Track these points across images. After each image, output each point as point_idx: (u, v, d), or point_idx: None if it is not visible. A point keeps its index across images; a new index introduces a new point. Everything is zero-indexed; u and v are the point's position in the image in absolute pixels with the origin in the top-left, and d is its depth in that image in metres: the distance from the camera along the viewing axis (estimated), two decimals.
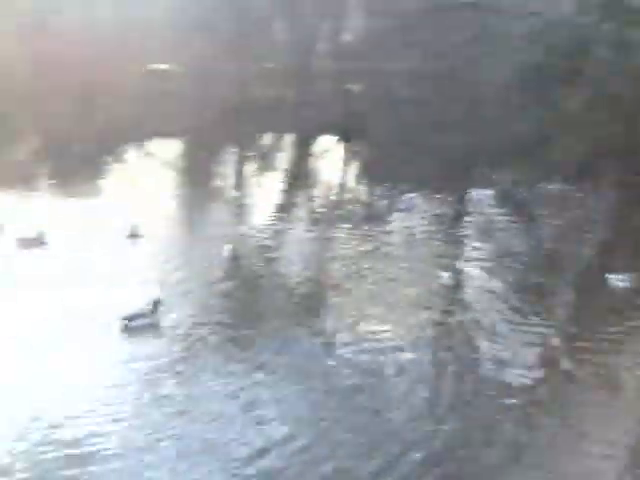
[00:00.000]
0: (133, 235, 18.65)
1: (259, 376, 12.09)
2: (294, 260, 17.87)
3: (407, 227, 20.19)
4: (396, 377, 12.15)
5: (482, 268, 17.11)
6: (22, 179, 25.57)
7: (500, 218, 20.93)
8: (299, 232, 20.03)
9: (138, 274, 16.08)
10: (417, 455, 10.07)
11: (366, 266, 17.23)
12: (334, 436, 10.53)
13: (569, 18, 30.18)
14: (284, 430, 10.56)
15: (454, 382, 12.15)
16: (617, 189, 22.15)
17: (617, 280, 15.65)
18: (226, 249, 17.39)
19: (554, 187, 23.14)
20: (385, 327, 13.92)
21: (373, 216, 21.06)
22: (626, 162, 21.91)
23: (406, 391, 11.73)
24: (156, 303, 14.03)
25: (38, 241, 18.11)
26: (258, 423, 10.75)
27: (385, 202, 22.49)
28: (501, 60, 30.74)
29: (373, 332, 13.73)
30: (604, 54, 26.93)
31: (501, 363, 12.66)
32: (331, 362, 12.64)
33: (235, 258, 17.21)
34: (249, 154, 32.18)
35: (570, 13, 30.70)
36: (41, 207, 21.40)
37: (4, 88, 32.62)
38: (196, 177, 27.57)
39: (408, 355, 12.84)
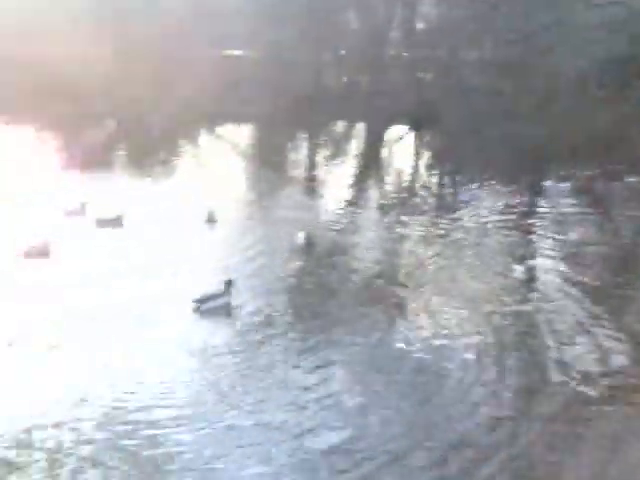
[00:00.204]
0: (210, 220, 19.05)
1: (328, 365, 12.17)
2: (365, 249, 17.93)
3: (478, 218, 19.98)
4: (461, 371, 12.03)
5: (556, 262, 16.77)
6: (101, 161, 26.47)
7: (576, 211, 20.45)
8: (370, 221, 20.13)
9: (212, 258, 16.52)
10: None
11: (436, 257, 17.15)
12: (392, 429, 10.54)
13: None
14: (355, 421, 10.62)
15: (520, 379, 11.94)
16: None
17: None
18: (300, 236, 17.61)
19: (633, 181, 22.44)
20: (454, 320, 13.79)
21: (444, 206, 20.88)
22: None
23: (471, 386, 11.60)
24: (228, 284, 14.25)
25: (116, 222, 18.80)
26: (324, 407, 10.88)
27: (455, 192, 22.26)
28: (578, 50, 29.84)
29: (442, 325, 13.64)
30: None
31: (568, 363, 12.33)
32: (398, 354, 12.62)
33: (308, 245, 17.39)
34: (321, 141, 32.35)
35: None
36: (119, 189, 22.11)
37: (83, 73, 33.63)
38: (269, 162, 27.87)
39: (475, 350, 12.68)
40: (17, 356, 11.54)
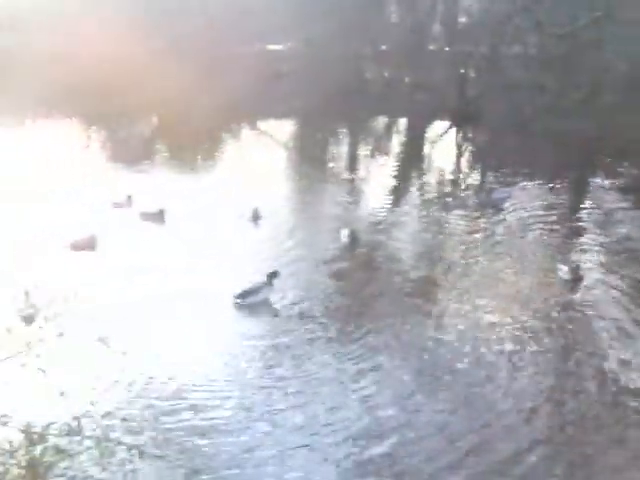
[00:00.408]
0: (255, 217, 19.14)
1: (369, 361, 12.26)
2: (407, 245, 17.94)
3: (522, 215, 19.73)
4: (507, 371, 11.99)
5: (602, 262, 16.51)
6: (143, 156, 26.85)
7: (623, 209, 20.02)
8: (411, 217, 20.04)
9: (256, 254, 16.63)
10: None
11: (479, 255, 17.04)
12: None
13: None
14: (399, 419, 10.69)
15: (563, 380, 11.87)
16: None
17: None
18: (344, 233, 17.62)
19: None
20: (498, 319, 13.70)
21: (487, 203, 20.62)
22: None
23: (515, 386, 11.56)
24: (272, 275, 14.41)
25: (158, 217, 19.09)
26: (369, 407, 10.94)
27: (498, 189, 21.96)
28: (626, 44, 29.14)
29: (483, 324, 13.57)
30: None
31: (618, 364, 12.21)
32: (440, 351, 12.63)
33: (352, 242, 17.38)
34: (363, 136, 32.27)
35: None
36: (161, 184, 22.40)
37: (126, 69, 34.12)
38: (310, 158, 27.90)
39: (518, 349, 12.62)
40: (67, 347, 11.76)
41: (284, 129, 33.30)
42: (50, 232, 17.40)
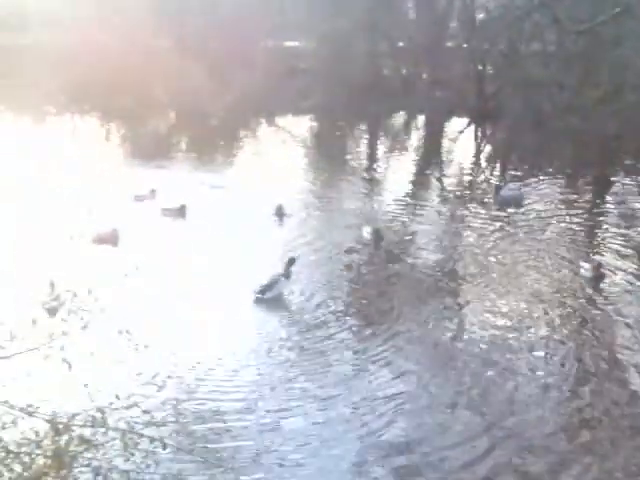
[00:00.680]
0: (279, 214, 19.14)
1: (390, 360, 12.20)
2: (427, 242, 17.86)
3: (543, 213, 19.63)
4: (527, 373, 11.89)
5: (624, 260, 16.38)
6: (163, 151, 27.00)
7: None
8: (431, 214, 20.00)
9: (277, 250, 16.60)
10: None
11: (499, 253, 16.97)
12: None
13: None
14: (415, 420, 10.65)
15: (585, 380, 11.73)
16: None
17: None
18: (366, 229, 17.63)
19: None
20: (516, 318, 13.63)
21: (505, 200, 20.51)
22: None
23: (534, 388, 11.45)
24: (290, 262, 14.45)
25: (179, 212, 19.23)
26: (396, 410, 10.86)
27: (518, 186, 21.85)
28: None
29: (505, 322, 13.48)
30: None
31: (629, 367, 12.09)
32: (458, 350, 12.56)
33: (374, 239, 17.34)
34: (381, 133, 32.23)
35: None
36: (180, 179, 22.53)
37: (144, 65, 34.28)
38: (329, 154, 27.92)
39: (538, 350, 12.50)
40: (90, 340, 11.82)
41: (302, 125, 33.31)
42: (73, 226, 17.52)
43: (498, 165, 26.06)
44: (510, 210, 19.84)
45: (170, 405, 10.66)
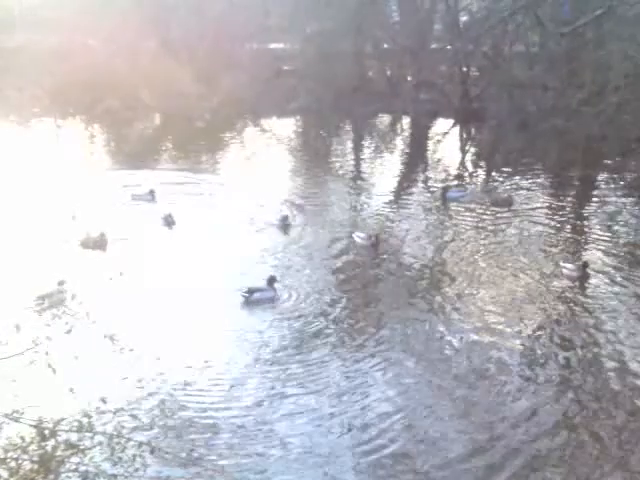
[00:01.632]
0: (283, 224, 18.89)
1: (378, 361, 12.33)
2: (415, 244, 17.93)
3: (530, 213, 19.71)
4: (511, 370, 12.03)
5: (609, 260, 16.50)
6: (150, 152, 26.98)
7: (628, 208, 20.01)
8: (421, 216, 20.03)
9: (266, 256, 16.71)
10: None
11: (486, 254, 17.06)
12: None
13: None
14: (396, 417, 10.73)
15: (571, 378, 11.87)
16: None
17: None
18: (357, 235, 17.69)
19: None
20: (503, 318, 13.75)
21: (495, 201, 20.60)
22: None
23: (520, 386, 11.59)
24: (270, 280, 14.62)
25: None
26: (375, 404, 11.00)
27: (506, 187, 21.95)
28: (630, 42, 29.08)
29: (491, 317, 13.66)
30: None
31: (627, 361, 12.24)
32: (446, 351, 12.67)
33: (372, 244, 17.35)
34: (367, 134, 32.25)
35: None
36: (169, 181, 22.50)
37: (129, 67, 34.16)
38: (316, 155, 27.91)
39: (522, 348, 12.67)
40: (75, 344, 11.77)
41: (288, 127, 33.31)
42: (61, 230, 17.48)
43: (485, 166, 26.07)
44: (498, 210, 19.94)
45: (157, 409, 10.59)
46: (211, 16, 40.08)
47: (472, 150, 29.79)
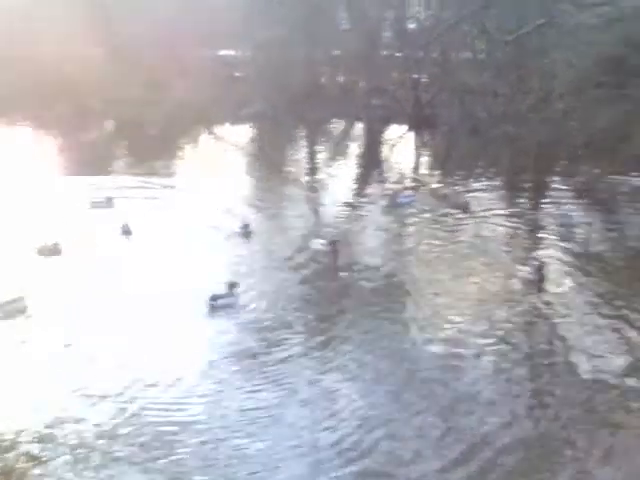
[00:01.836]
0: (244, 232, 18.68)
1: (340, 364, 12.38)
2: (373, 249, 18.04)
3: (485, 218, 19.96)
4: (473, 369, 12.20)
5: (564, 261, 16.84)
6: (103, 160, 26.58)
7: (579, 211, 20.46)
8: (376, 220, 20.12)
9: (224, 263, 16.55)
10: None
11: (444, 256, 17.26)
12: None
13: None
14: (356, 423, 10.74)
15: (533, 377, 12.12)
16: None
17: None
18: (315, 242, 17.73)
19: (634, 182, 22.55)
20: (463, 319, 13.94)
21: (452, 205, 20.86)
22: None
23: (482, 384, 11.76)
24: (231, 285, 14.62)
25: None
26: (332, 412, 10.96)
27: (461, 191, 22.25)
28: (573, 50, 29.91)
29: (452, 323, 13.76)
30: None
31: (585, 359, 12.49)
32: (409, 353, 12.77)
33: (330, 251, 17.33)
34: (321, 140, 32.24)
35: None
36: (126, 188, 22.18)
37: (80, 73, 33.56)
38: (271, 162, 27.77)
39: (484, 348, 12.82)
40: (32, 354, 11.50)
41: (242, 133, 33.10)
42: (16, 238, 17.11)
43: (438, 171, 26.32)
44: (455, 213, 20.20)
45: (120, 418, 10.44)
46: (160, 22, 39.68)
47: (425, 155, 30.08)
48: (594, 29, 29.40)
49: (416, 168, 27.35)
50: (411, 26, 44.18)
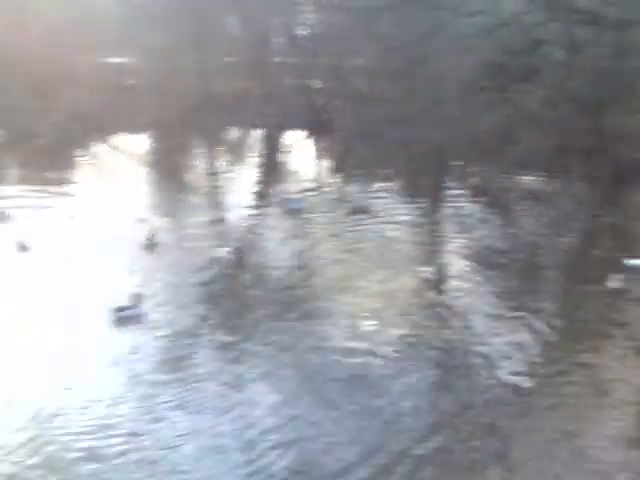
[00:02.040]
0: (150, 244, 18.40)
1: (247, 373, 12.52)
2: (278, 256, 18.30)
3: (385, 220, 20.61)
4: (380, 371, 12.59)
5: (462, 262, 17.69)
6: None
7: (475, 211, 21.48)
8: (279, 227, 20.42)
9: (127, 276, 16.29)
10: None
11: (348, 260, 17.77)
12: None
13: (519, 17, 30.85)
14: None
15: (434, 377, 12.67)
16: (582, 183, 23.06)
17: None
18: (221, 250, 17.74)
19: (523, 182, 23.93)
20: (368, 322, 14.37)
21: (354, 209, 21.40)
22: (588, 157, 22.87)
23: (392, 386, 12.15)
24: (137, 297, 14.55)
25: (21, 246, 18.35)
26: (247, 423, 11.03)
27: (364, 196, 22.89)
28: (456, 57, 31.34)
29: (356, 327, 14.17)
30: (556, 53, 27.81)
31: (484, 357, 13.15)
32: (315, 359, 13.04)
33: (236, 258, 17.43)
34: (218, 148, 32.15)
35: (518, 12, 31.30)
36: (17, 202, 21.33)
37: None
38: (168, 171, 27.49)
39: (393, 349, 13.29)
40: None
41: (137, 143, 32.49)
42: None
43: (336, 177, 26.92)
44: (354, 216, 20.76)
45: (25, 439, 10.12)
46: (45, 28, 38.29)
47: (323, 160, 30.65)
48: (476, 37, 31.03)
49: (315, 173, 27.83)
50: (302, 32, 44.76)
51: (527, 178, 24.17)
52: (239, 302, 15.63)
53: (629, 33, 23.80)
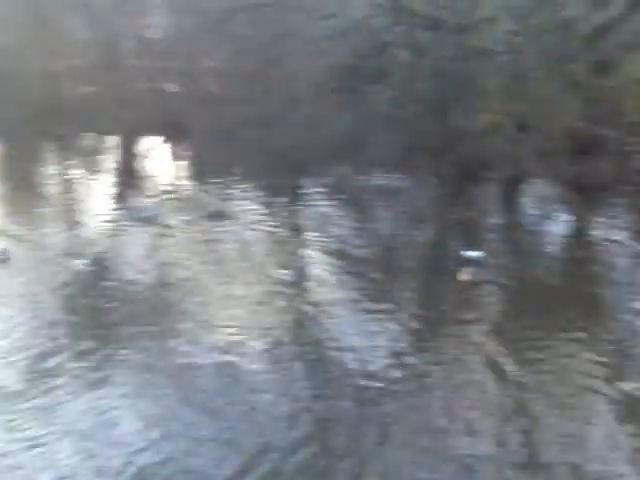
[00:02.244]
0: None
1: (115, 390, 12.25)
2: (137, 264, 17.94)
3: (245, 224, 20.66)
4: (251, 374, 12.68)
5: (322, 262, 18.01)
6: None
7: (333, 210, 22.00)
8: (136, 235, 19.94)
9: None
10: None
11: (208, 265, 17.69)
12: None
13: (367, 21, 31.90)
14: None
15: (300, 377, 12.79)
16: (432, 181, 24.20)
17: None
18: (75, 262, 17.09)
19: (378, 181, 24.75)
20: (230, 325, 14.45)
21: (212, 214, 21.29)
22: (437, 156, 24.03)
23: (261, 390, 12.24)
24: None
25: None
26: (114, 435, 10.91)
27: (221, 199, 22.80)
28: (308, 59, 31.94)
29: (228, 338, 14.07)
30: (401, 55, 29.01)
31: (349, 353, 13.51)
32: (182, 366, 12.95)
33: (85, 269, 16.95)
34: (70, 155, 30.84)
35: (366, 16, 32.38)
36: None
37: None
38: (18, 181, 26.11)
39: (254, 352, 13.40)
40: None
41: None
42: None
43: (195, 180, 26.64)
44: (212, 221, 20.66)
45: None
46: None
47: (180, 165, 30.24)
48: (328, 39, 31.78)
49: (171, 178, 27.43)
50: (155, 35, 43.85)
51: (381, 177, 25.03)
52: (96, 315, 15.18)
53: (467, 36, 25.22)
